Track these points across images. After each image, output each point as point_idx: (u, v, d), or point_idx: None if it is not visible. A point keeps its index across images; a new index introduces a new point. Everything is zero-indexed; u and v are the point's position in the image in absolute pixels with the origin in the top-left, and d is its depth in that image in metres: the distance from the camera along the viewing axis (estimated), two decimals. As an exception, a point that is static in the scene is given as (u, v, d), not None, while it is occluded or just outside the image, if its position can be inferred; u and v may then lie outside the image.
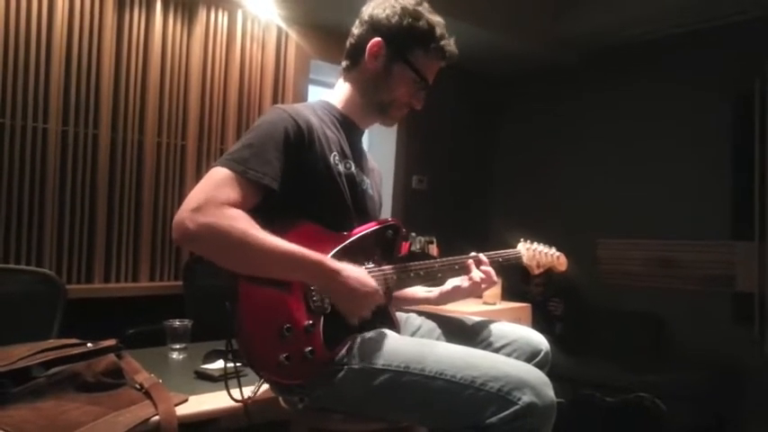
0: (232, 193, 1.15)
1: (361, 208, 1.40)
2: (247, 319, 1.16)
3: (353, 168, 1.39)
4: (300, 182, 1.26)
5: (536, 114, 4.47)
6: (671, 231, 3.69)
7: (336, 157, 1.34)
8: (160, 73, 2.84)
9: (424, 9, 1.40)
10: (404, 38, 1.37)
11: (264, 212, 1.21)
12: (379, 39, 1.37)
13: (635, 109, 3.90)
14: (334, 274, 1.17)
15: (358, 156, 1.45)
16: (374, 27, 1.38)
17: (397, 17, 1.36)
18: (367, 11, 1.41)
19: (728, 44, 3.48)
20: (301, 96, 3.34)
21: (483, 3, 3.48)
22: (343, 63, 1.46)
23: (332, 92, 1.49)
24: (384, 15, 1.37)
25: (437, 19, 1.41)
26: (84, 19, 2.62)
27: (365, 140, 1.56)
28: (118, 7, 2.71)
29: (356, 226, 1.36)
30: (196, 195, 1.13)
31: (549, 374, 1.24)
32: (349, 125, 1.44)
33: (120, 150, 2.73)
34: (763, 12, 3.32)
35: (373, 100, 1.42)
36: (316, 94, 3.50)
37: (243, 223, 1.12)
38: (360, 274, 1.21)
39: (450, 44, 1.42)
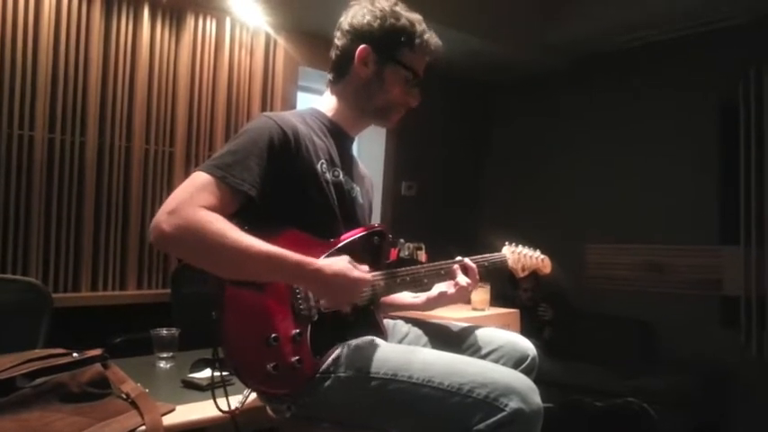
0: (210, 197, 1.15)
1: (349, 216, 1.40)
2: (233, 329, 1.15)
3: (342, 176, 1.39)
4: (287, 189, 1.26)
5: (524, 121, 4.50)
6: (658, 236, 3.72)
7: (324, 165, 1.34)
8: (148, 80, 2.83)
9: (401, 8, 1.42)
10: (389, 40, 1.39)
11: (250, 220, 1.21)
12: (366, 45, 1.38)
13: (622, 115, 3.93)
14: (315, 273, 1.16)
15: (347, 163, 1.45)
16: (357, 35, 1.39)
17: (378, 21, 1.38)
18: (346, 20, 1.42)
19: (714, 50, 3.52)
20: (290, 103, 3.34)
21: (472, 10, 3.49)
22: (330, 75, 1.47)
23: (321, 100, 1.49)
24: (365, 22, 1.38)
25: (415, 15, 1.43)
26: (71, 25, 2.61)
27: (354, 146, 1.56)
28: (105, 14, 2.70)
29: (344, 233, 1.36)
30: (174, 198, 1.13)
31: (537, 379, 1.25)
32: (339, 133, 1.45)
33: (107, 157, 2.72)
34: (748, 18, 3.36)
35: (370, 106, 1.43)
36: (304, 101, 3.50)
37: (219, 224, 1.11)
38: (340, 266, 1.20)
39: (432, 36, 1.44)
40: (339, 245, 1.32)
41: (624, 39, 3.77)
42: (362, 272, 1.23)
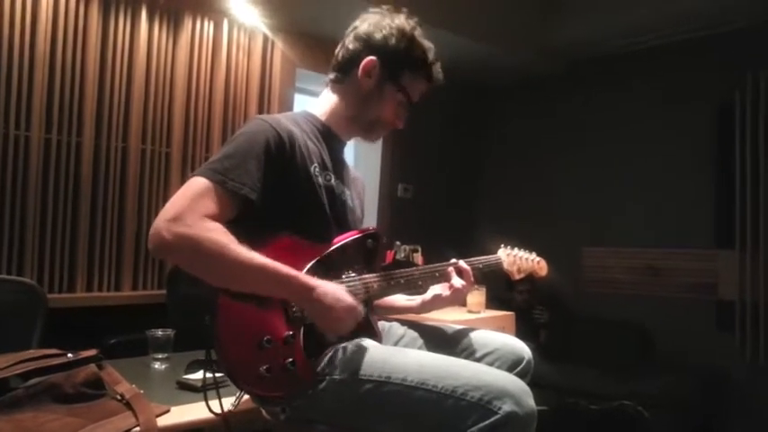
0: (210, 203, 1.15)
1: (341, 219, 1.40)
2: (226, 331, 1.15)
3: (333, 180, 1.40)
4: (280, 193, 1.26)
5: (522, 123, 4.51)
6: (654, 240, 3.73)
7: (317, 169, 1.34)
8: (145, 80, 2.83)
9: (418, 34, 1.43)
10: (398, 60, 1.40)
11: (244, 223, 1.21)
12: (374, 58, 1.39)
13: (619, 118, 3.94)
14: (309, 291, 1.17)
15: (339, 167, 1.46)
16: (370, 46, 1.40)
17: (393, 39, 1.39)
18: (362, 27, 1.42)
19: (711, 55, 3.53)
20: (287, 105, 3.34)
21: (470, 13, 3.50)
22: (332, 75, 1.47)
23: (316, 102, 1.50)
24: (381, 36, 1.40)
25: (428, 44, 1.45)
26: (69, 25, 2.60)
27: (351, 148, 1.57)
28: (103, 14, 2.70)
29: (335, 237, 1.36)
30: (173, 205, 1.12)
31: (533, 382, 1.25)
32: (331, 137, 1.45)
33: (103, 158, 2.72)
34: (746, 23, 3.37)
35: (361, 116, 1.44)
36: (301, 103, 3.50)
37: (219, 236, 1.12)
38: (336, 290, 1.20)
39: (438, 69, 1.46)
40: (331, 248, 1.32)
41: (621, 42, 3.78)
42: (354, 300, 1.23)
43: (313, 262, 1.27)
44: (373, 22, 1.42)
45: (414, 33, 1.41)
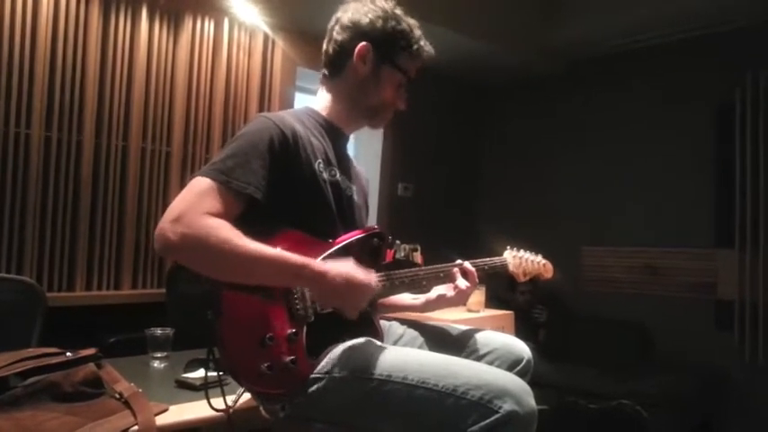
0: (215, 203, 1.14)
1: (347, 215, 1.40)
2: (229, 328, 1.15)
3: (339, 176, 1.40)
4: (286, 190, 1.26)
5: (521, 123, 4.50)
6: (654, 239, 3.73)
7: (321, 165, 1.34)
8: (145, 79, 2.82)
9: (400, 11, 1.44)
10: (390, 41, 1.41)
11: (249, 221, 1.21)
12: (366, 43, 1.39)
13: (619, 119, 3.94)
14: (321, 276, 1.16)
15: (343, 162, 1.46)
16: (359, 32, 1.40)
17: (381, 21, 1.40)
18: (346, 17, 1.42)
19: (711, 54, 3.53)
20: (288, 104, 3.34)
21: (470, 12, 3.50)
22: (325, 71, 1.47)
23: (316, 97, 1.50)
24: (367, 20, 1.40)
25: (413, 21, 1.45)
26: (69, 24, 2.60)
27: (350, 146, 1.57)
28: (103, 13, 2.69)
29: (342, 233, 1.36)
30: (177, 206, 1.12)
31: (532, 381, 1.25)
32: (334, 131, 1.45)
33: (103, 156, 2.71)
34: (746, 22, 3.37)
35: (363, 104, 1.44)
36: (302, 102, 3.50)
37: (225, 232, 1.11)
38: (346, 270, 1.18)
39: (427, 44, 1.47)
40: (338, 245, 1.32)
41: (621, 42, 3.78)
42: (368, 275, 1.22)
43: (319, 259, 1.26)
44: (355, 9, 1.42)
45: (396, 11, 1.42)
